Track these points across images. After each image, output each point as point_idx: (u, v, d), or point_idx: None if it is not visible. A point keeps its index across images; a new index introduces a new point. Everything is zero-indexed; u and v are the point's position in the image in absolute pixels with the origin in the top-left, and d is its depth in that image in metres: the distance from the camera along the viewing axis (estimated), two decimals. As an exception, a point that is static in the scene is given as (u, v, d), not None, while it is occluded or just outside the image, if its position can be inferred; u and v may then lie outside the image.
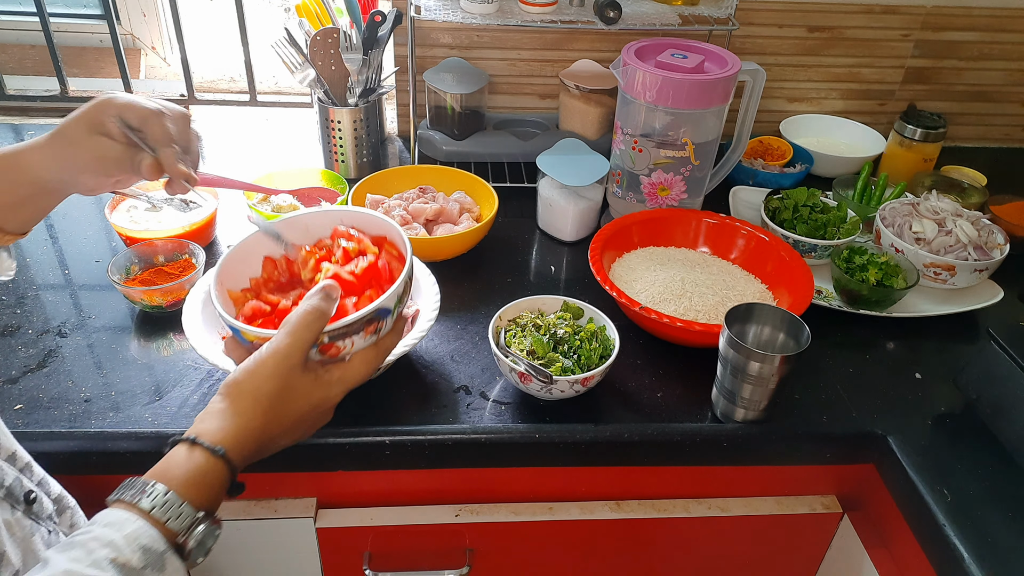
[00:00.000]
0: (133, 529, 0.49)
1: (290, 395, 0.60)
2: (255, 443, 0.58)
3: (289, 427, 0.61)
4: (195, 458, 0.54)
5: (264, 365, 0.59)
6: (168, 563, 0.49)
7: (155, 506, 0.50)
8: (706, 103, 1.04)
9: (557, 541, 0.95)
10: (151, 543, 0.49)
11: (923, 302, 1.05)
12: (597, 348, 0.85)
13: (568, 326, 0.87)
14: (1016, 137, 1.55)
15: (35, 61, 1.59)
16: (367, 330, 0.63)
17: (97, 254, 1.07)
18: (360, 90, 1.23)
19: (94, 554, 0.47)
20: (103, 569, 0.46)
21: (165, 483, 0.52)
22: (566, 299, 0.91)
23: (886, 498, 0.85)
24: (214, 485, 0.54)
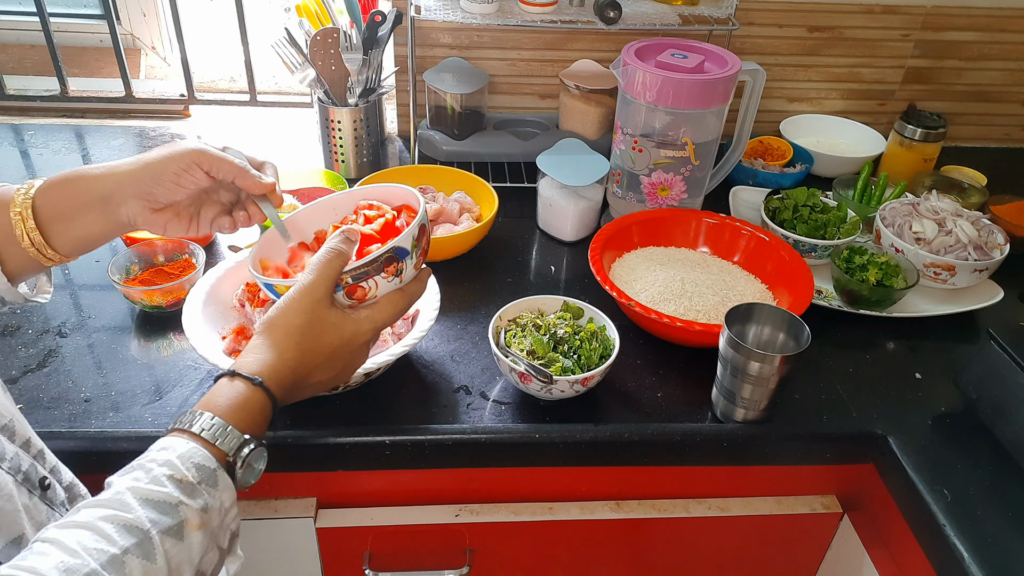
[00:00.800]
0: (186, 450, 0.53)
1: (320, 327, 0.64)
2: (292, 374, 0.62)
3: (324, 361, 0.64)
4: (236, 387, 0.58)
5: (292, 301, 0.64)
6: (220, 479, 0.54)
7: (203, 429, 0.55)
8: (706, 103, 1.04)
9: (557, 541, 0.95)
10: (204, 461, 0.53)
11: (923, 302, 1.05)
12: (597, 348, 0.85)
13: (568, 326, 0.87)
14: (1016, 137, 1.55)
15: (35, 61, 1.59)
16: (387, 270, 0.67)
17: (97, 254, 1.07)
18: (360, 90, 1.23)
19: (152, 472, 0.52)
20: (162, 485, 0.51)
21: (211, 411, 0.56)
22: (566, 299, 0.91)
23: (886, 498, 0.85)
24: (256, 412, 0.59)
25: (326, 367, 0.65)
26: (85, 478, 0.71)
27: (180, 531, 0.50)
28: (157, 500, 0.50)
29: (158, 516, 0.50)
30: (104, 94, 1.46)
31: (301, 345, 0.62)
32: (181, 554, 0.50)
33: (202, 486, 0.52)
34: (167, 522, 0.50)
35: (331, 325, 0.64)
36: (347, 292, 0.67)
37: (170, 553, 0.49)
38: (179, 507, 0.51)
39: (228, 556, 0.56)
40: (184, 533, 0.51)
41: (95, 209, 0.65)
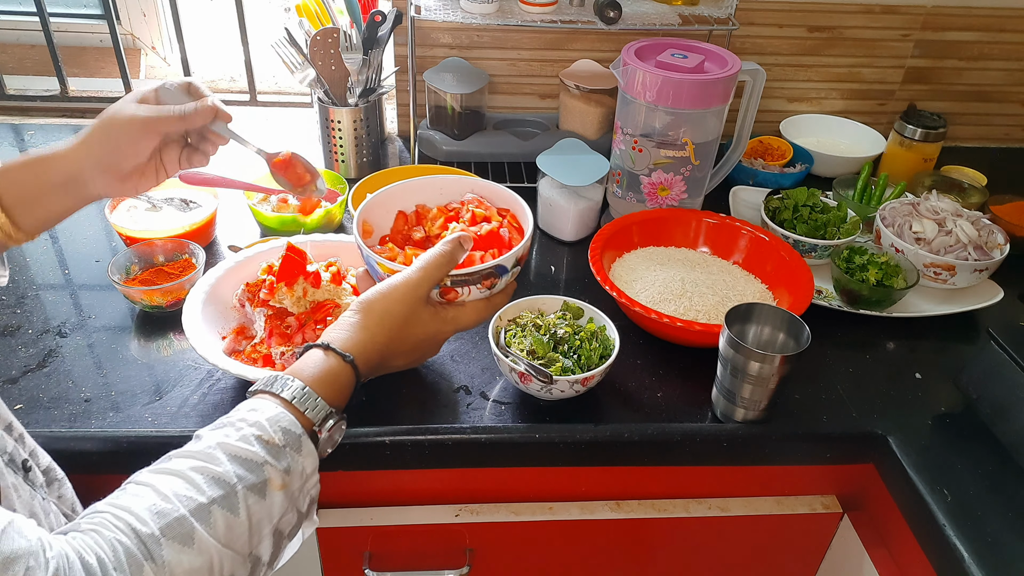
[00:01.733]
0: (275, 413, 0.56)
1: (413, 320, 0.68)
2: (378, 356, 0.66)
3: (407, 350, 0.69)
4: (328, 361, 0.62)
5: (396, 290, 0.68)
6: (304, 445, 0.56)
7: (294, 397, 0.58)
8: (706, 103, 1.03)
9: (557, 541, 0.95)
10: (290, 426, 0.56)
11: (923, 302, 1.05)
12: (597, 348, 0.85)
13: (568, 326, 0.87)
14: (1016, 137, 1.55)
15: (35, 61, 1.59)
16: (484, 283, 0.73)
17: (97, 254, 1.07)
18: (360, 90, 1.23)
19: (242, 431, 0.54)
20: (250, 444, 0.54)
21: (301, 380, 0.59)
22: (566, 299, 0.91)
23: (886, 498, 0.85)
24: (343, 386, 0.62)
25: (408, 355, 0.70)
26: (86, 478, 0.71)
27: (263, 489, 0.53)
28: (244, 457, 0.53)
29: (244, 472, 0.52)
30: (104, 94, 1.46)
31: (393, 333, 0.66)
32: (262, 511, 0.53)
33: (287, 449, 0.55)
34: (252, 479, 0.52)
35: (423, 320, 0.69)
36: (442, 292, 0.72)
37: (252, 509, 0.52)
38: (264, 466, 0.53)
39: (305, 520, 0.59)
40: (267, 491, 0.53)
41: (62, 190, 0.68)
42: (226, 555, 0.51)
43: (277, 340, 0.82)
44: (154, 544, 0.47)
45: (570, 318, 0.90)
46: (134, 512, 0.48)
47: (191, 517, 0.49)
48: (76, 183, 0.68)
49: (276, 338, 0.83)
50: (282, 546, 0.57)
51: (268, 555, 0.55)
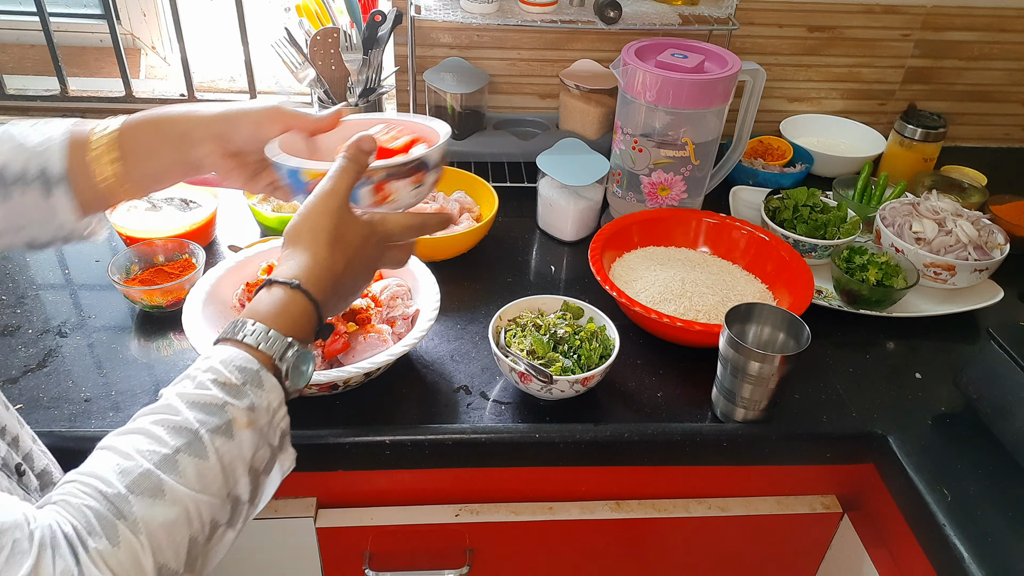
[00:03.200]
0: (228, 355, 0.56)
1: (344, 227, 0.65)
2: (328, 273, 0.63)
3: (351, 258, 0.65)
4: (275, 294, 0.60)
5: (315, 206, 0.65)
6: (265, 380, 0.56)
7: (246, 335, 0.57)
8: (706, 103, 1.03)
9: (557, 541, 0.95)
10: (246, 363, 0.55)
11: (923, 302, 1.05)
12: (597, 348, 0.85)
13: (568, 326, 0.87)
14: (1016, 137, 1.55)
15: (35, 61, 1.59)
16: (412, 178, 0.71)
17: (97, 254, 1.07)
18: (360, 90, 1.23)
19: (197, 379, 0.54)
20: (207, 388, 0.53)
21: (252, 318, 0.58)
22: (566, 299, 0.91)
23: (886, 498, 0.85)
24: (297, 315, 0.60)
25: (354, 267, 0.66)
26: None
27: (229, 430, 0.53)
28: (203, 402, 0.53)
29: (206, 417, 0.52)
30: (104, 94, 1.46)
31: (330, 245, 0.64)
32: (232, 451, 0.53)
33: (247, 387, 0.55)
34: (215, 422, 0.52)
35: (353, 225, 0.66)
36: (375, 188, 0.69)
37: (221, 451, 0.52)
38: (225, 407, 0.53)
39: (280, 453, 0.59)
40: (233, 432, 0.53)
41: (173, 145, 0.69)
42: (202, 501, 0.51)
43: (277, 340, 0.82)
44: (123, 503, 0.47)
45: (570, 318, 0.90)
46: (99, 475, 0.49)
47: (157, 470, 0.49)
48: (186, 140, 0.69)
49: (276, 338, 0.82)
50: (260, 483, 0.57)
51: (247, 494, 0.55)
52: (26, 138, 0.66)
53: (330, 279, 0.63)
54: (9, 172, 0.65)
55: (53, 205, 0.66)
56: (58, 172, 0.66)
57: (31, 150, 0.66)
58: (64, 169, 0.66)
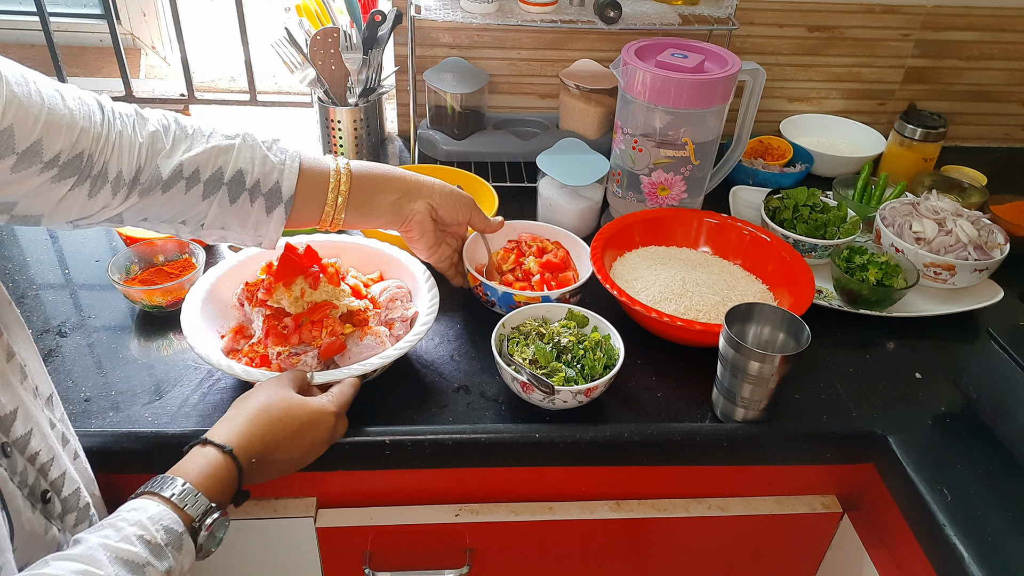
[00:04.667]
0: (156, 512, 0.57)
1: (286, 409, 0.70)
2: (260, 442, 0.66)
3: (290, 434, 0.69)
4: (207, 454, 0.63)
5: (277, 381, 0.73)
6: (184, 543, 0.57)
7: (174, 495, 0.58)
8: (706, 103, 1.03)
9: (557, 541, 0.95)
10: (172, 524, 0.56)
11: (923, 302, 1.05)
12: (601, 358, 0.84)
13: (572, 335, 0.86)
14: (1016, 137, 1.55)
15: (35, 61, 1.59)
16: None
17: (97, 254, 1.07)
18: (360, 90, 1.23)
19: (123, 531, 0.54)
20: (132, 544, 0.53)
21: (183, 477, 0.60)
22: (571, 307, 0.91)
23: (886, 498, 0.85)
24: (223, 480, 0.62)
25: (291, 439, 0.69)
26: (85, 478, 0.71)
27: None
28: (127, 559, 0.52)
29: (126, 574, 0.52)
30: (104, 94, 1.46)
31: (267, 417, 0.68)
32: None
33: (168, 548, 0.55)
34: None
35: (296, 405, 0.71)
36: None
37: None
38: (146, 568, 0.53)
39: None
40: None
41: (394, 193, 0.82)
42: None
43: (273, 340, 0.82)
44: None
45: (574, 327, 0.89)
46: None
47: None
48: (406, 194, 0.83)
49: (273, 338, 0.82)
50: None
51: None
52: (267, 152, 0.73)
53: (260, 447, 0.66)
54: (246, 180, 0.71)
55: (271, 219, 0.74)
56: (288, 194, 0.74)
57: (272, 166, 0.73)
58: (293, 193, 0.74)
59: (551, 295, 0.92)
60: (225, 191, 0.71)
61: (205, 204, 0.71)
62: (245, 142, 0.73)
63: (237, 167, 0.71)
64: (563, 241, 1.05)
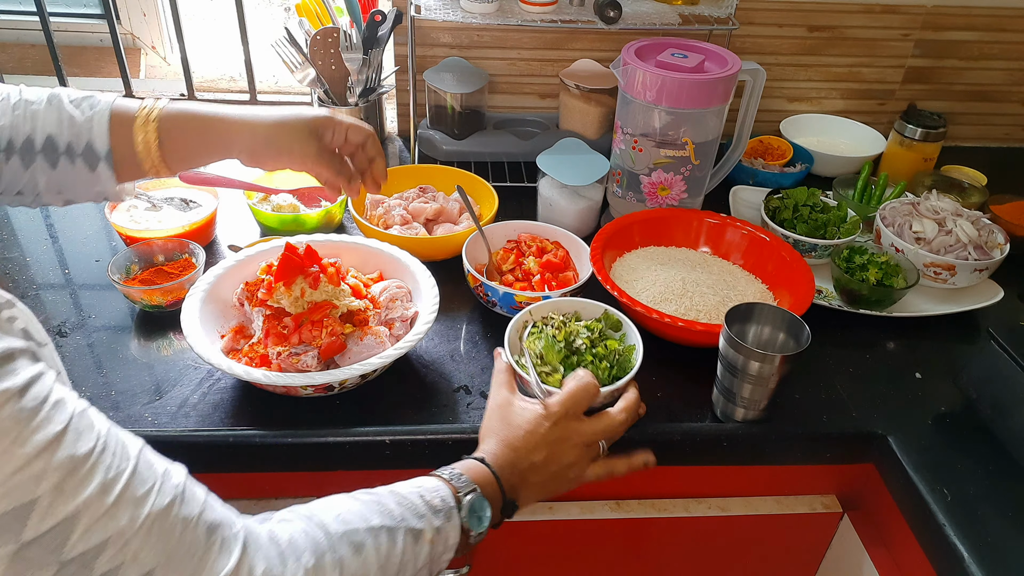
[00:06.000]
0: (437, 484, 0.64)
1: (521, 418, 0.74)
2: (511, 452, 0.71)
3: (534, 446, 0.72)
4: (467, 461, 0.70)
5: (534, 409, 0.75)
6: (454, 517, 0.63)
7: (451, 477, 0.66)
8: (706, 103, 1.03)
9: (557, 541, 0.95)
10: (447, 496, 0.63)
11: (923, 302, 1.05)
12: (607, 368, 0.81)
13: (588, 338, 0.83)
14: (1016, 137, 1.55)
15: (35, 61, 1.59)
16: None
17: (97, 253, 1.07)
18: (360, 89, 1.23)
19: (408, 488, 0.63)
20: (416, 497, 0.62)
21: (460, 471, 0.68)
22: (608, 308, 0.88)
23: (886, 498, 0.85)
24: (482, 478, 0.68)
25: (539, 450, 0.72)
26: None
27: (419, 536, 0.59)
28: (409, 504, 0.60)
29: (408, 515, 0.60)
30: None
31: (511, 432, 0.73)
32: (410, 555, 0.59)
33: (441, 514, 0.62)
34: (413, 523, 0.59)
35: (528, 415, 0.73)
36: None
37: (406, 549, 0.58)
38: (424, 517, 0.60)
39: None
40: (420, 540, 0.59)
41: (215, 151, 0.77)
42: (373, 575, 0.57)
43: (273, 340, 0.82)
44: (338, 541, 0.55)
45: (602, 329, 0.85)
46: (319, 516, 0.56)
47: (364, 532, 0.56)
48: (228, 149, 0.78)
49: (272, 338, 0.82)
50: None
51: None
52: (73, 112, 0.72)
53: (511, 459, 0.71)
54: (58, 144, 0.71)
55: (97, 176, 0.72)
56: (104, 149, 0.72)
57: (80, 125, 0.71)
58: (108, 147, 0.72)
59: (551, 295, 0.92)
60: (43, 158, 0.71)
61: (29, 173, 0.71)
62: (51, 104, 0.72)
63: (46, 133, 0.70)
64: (563, 241, 1.05)
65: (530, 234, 1.07)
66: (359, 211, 1.11)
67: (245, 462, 0.82)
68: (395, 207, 1.10)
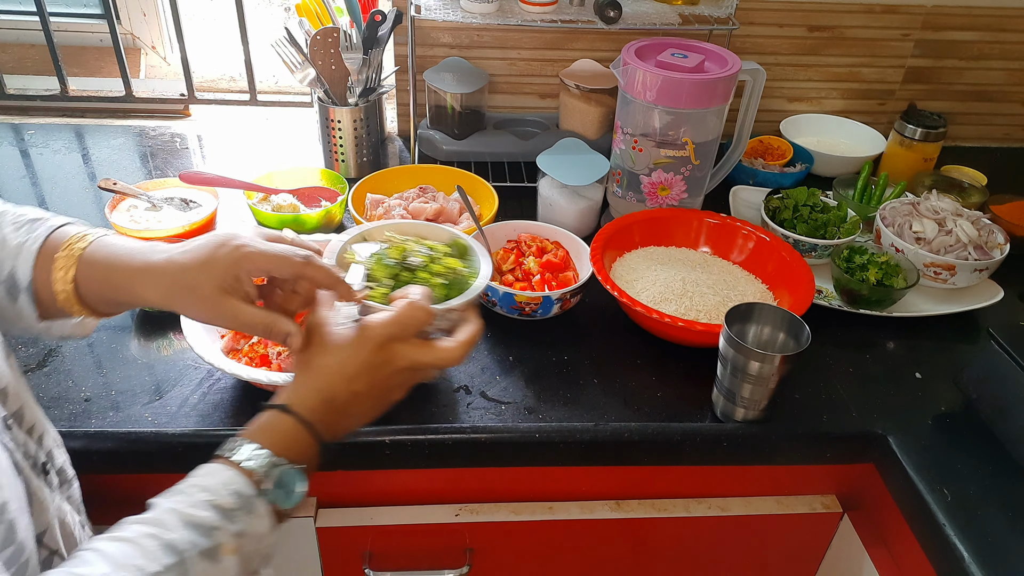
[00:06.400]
0: (227, 476, 0.56)
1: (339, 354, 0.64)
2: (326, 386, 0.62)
3: (354, 374, 0.63)
4: (264, 416, 0.61)
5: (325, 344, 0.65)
6: (257, 506, 0.56)
7: (235, 454, 0.57)
8: (706, 103, 1.03)
9: (557, 541, 0.95)
10: (242, 488, 0.56)
11: (923, 302, 1.05)
12: (443, 287, 0.72)
13: (426, 256, 0.74)
14: (1016, 137, 1.55)
15: (35, 60, 1.59)
16: None
17: (97, 254, 1.07)
18: (360, 89, 1.23)
19: (193, 497, 0.54)
20: (203, 509, 0.54)
21: (253, 440, 0.59)
22: (459, 235, 0.80)
23: (886, 498, 0.85)
24: (291, 438, 0.60)
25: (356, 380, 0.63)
26: (85, 478, 0.71)
27: (215, 554, 0.53)
28: (196, 523, 0.53)
29: (197, 537, 0.52)
30: (104, 94, 1.46)
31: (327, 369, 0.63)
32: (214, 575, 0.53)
33: (240, 512, 0.55)
34: (204, 544, 0.52)
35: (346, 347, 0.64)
36: None
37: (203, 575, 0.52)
38: (216, 531, 0.53)
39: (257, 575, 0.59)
40: (219, 556, 0.53)
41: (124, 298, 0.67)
42: None
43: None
44: None
45: (448, 253, 0.76)
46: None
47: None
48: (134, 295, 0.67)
49: (276, 338, 0.82)
50: None
51: None
52: (9, 234, 0.64)
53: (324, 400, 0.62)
54: None
55: (19, 309, 0.64)
56: (25, 280, 0.63)
57: (10, 249, 0.64)
58: (30, 279, 0.63)
59: (551, 295, 0.92)
60: None
61: None
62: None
63: None
64: (563, 241, 1.05)
65: (530, 234, 1.07)
66: (359, 211, 1.11)
67: (245, 462, 0.82)
68: (395, 207, 1.10)
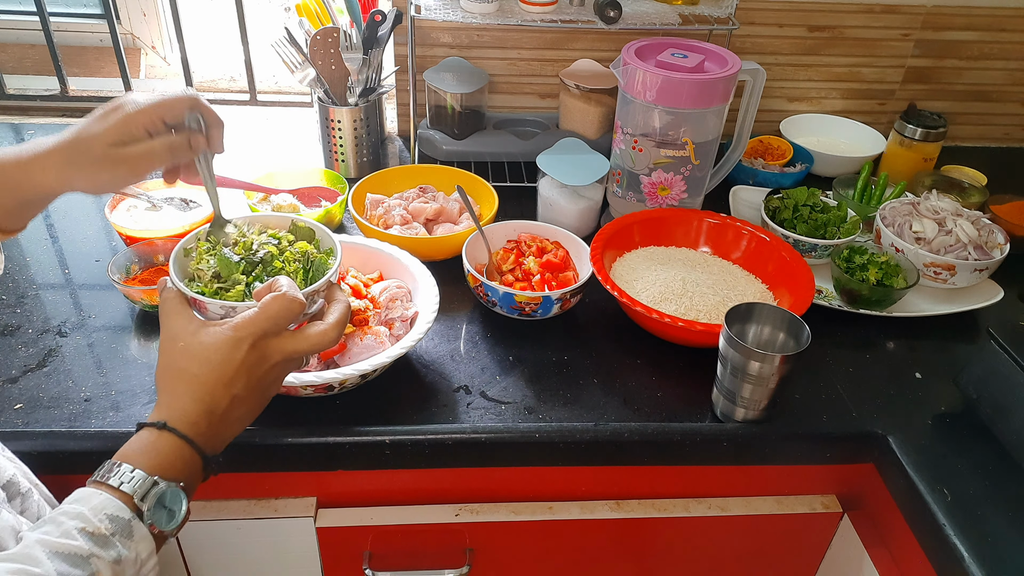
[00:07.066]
0: (99, 501, 0.53)
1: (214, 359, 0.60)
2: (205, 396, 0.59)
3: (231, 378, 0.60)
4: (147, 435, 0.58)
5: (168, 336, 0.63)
6: (136, 530, 0.53)
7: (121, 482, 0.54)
8: (706, 103, 1.03)
9: (557, 541, 0.95)
10: (117, 512, 0.53)
11: (923, 302, 1.05)
12: (301, 271, 0.71)
13: (273, 246, 0.72)
14: (1016, 137, 1.55)
15: (35, 60, 1.59)
16: None
17: (97, 253, 1.07)
18: (360, 89, 1.23)
19: (63, 526, 0.51)
20: (73, 538, 0.50)
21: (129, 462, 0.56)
22: (296, 218, 0.77)
23: (886, 498, 0.85)
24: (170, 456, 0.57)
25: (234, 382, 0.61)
26: (85, 478, 0.71)
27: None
28: (67, 553, 0.49)
29: (68, 569, 0.49)
30: (104, 94, 1.46)
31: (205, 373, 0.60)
32: None
33: (116, 537, 0.52)
34: (77, 574, 0.49)
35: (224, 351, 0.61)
36: None
37: None
38: (90, 559, 0.50)
39: None
40: None
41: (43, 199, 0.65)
42: None
43: (277, 340, 0.82)
44: None
45: (292, 240, 0.74)
46: None
47: None
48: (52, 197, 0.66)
49: (276, 338, 0.82)
50: None
51: None
52: None
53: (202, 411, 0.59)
54: None
55: None
56: None
57: None
58: None
59: (551, 295, 0.92)
60: None
61: None
62: None
63: None
64: (563, 241, 1.05)
65: (530, 234, 1.07)
66: (359, 211, 1.11)
67: (245, 462, 0.82)
68: (395, 207, 1.10)
